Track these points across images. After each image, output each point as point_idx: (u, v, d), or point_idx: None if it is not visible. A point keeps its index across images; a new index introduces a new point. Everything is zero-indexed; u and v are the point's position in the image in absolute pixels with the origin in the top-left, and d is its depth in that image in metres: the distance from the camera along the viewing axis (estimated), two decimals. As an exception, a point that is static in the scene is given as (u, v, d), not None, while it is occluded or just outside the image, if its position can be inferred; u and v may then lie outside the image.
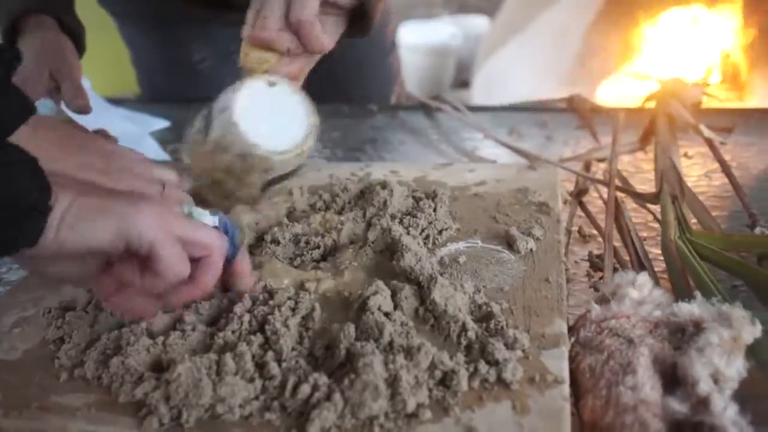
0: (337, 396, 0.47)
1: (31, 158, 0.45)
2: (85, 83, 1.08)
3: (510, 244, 0.66)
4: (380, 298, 0.55)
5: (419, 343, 0.51)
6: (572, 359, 0.53)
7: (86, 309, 0.60)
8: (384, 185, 0.74)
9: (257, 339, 0.53)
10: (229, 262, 0.56)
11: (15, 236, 0.44)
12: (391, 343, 0.51)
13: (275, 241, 0.66)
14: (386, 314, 0.54)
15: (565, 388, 0.49)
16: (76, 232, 0.45)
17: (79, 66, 0.72)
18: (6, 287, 0.69)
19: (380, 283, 0.56)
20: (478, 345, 0.52)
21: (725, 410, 0.46)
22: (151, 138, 1.04)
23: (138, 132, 1.03)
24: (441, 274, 0.59)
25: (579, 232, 0.77)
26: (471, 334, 0.53)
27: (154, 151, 1.01)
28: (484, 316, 0.55)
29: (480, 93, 2.32)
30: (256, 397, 0.49)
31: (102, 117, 0.98)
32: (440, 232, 0.67)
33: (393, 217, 0.69)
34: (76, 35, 0.77)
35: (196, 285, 0.51)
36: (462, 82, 2.98)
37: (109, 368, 0.53)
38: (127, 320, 0.56)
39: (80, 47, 0.78)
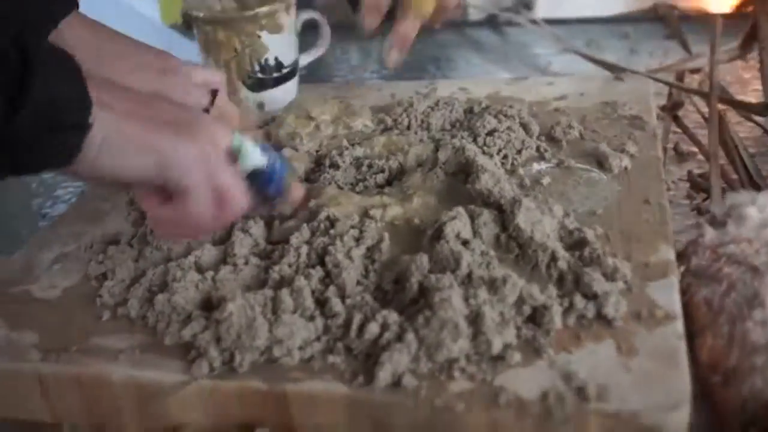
0: (410, 336, 0.41)
1: (73, 64, 0.40)
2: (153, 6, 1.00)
3: (600, 162, 0.57)
4: (459, 224, 0.47)
5: (504, 274, 0.43)
6: (684, 291, 0.45)
7: (131, 243, 0.55)
8: (453, 102, 0.66)
9: (317, 273, 0.47)
10: (272, 199, 0.51)
11: (48, 151, 0.39)
12: (470, 275, 0.44)
13: (334, 166, 0.59)
14: (464, 243, 0.47)
15: (679, 325, 0.42)
16: (114, 161, 0.41)
17: None
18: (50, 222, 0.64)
19: (459, 208, 0.49)
20: (571, 276, 0.45)
21: None
22: None
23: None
24: (525, 196, 0.51)
25: (675, 149, 0.68)
26: (562, 264, 0.45)
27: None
28: (576, 243, 0.48)
29: (545, 13, 2.17)
30: (318, 338, 0.43)
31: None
32: (519, 152, 0.59)
33: (465, 135, 0.61)
34: None
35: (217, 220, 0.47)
36: (524, 2, 2.82)
37: (154, 306, 0.47)
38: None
39: None
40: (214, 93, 0.54)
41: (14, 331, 0.49)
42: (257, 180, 0.48)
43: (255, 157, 0.47)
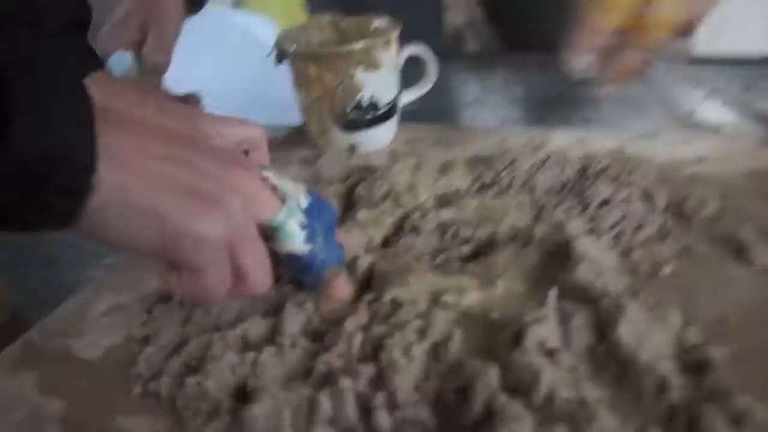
0: (461, 479, 0.32)
1: (84, 103, 0.33)
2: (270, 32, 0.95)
3: (740, 252, 0.46)
4: (544, 329, 0.39)
5: (592, 408, 0.34)
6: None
7: (182, 301, 0.50)
8: (564, 159, 0.57)
9: (368, 370, 0.39)
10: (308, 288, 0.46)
11: (33, 216, 0.33)
12: (550, 400, 0.35)
13: (415, 230, 0.52)
14: (549, 353, 0.38)
15: None
16: (113, 230, 0.35)
17: (176, 15, 0.60)
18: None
19: (549, 306, 0.40)
20: (685, 415, 0.35)
21: None
22: None
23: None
24: (634, 294, 0.41)
25: None
26: (675, 395, 0.35)
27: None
28: (696, 366, 0.37)
29: (703, 48, 2.00)
30: (354, 461, 0.36)
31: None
32: (637, 230, 0.49)
33: (574, 203, 0.51)
34: None
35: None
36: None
37: (185, 388, 0.42)
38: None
39: None
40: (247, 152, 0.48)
41: (43, 395, 0.44)
42: (294, 264, 0.41)
43: (296, 243, 0.41)
